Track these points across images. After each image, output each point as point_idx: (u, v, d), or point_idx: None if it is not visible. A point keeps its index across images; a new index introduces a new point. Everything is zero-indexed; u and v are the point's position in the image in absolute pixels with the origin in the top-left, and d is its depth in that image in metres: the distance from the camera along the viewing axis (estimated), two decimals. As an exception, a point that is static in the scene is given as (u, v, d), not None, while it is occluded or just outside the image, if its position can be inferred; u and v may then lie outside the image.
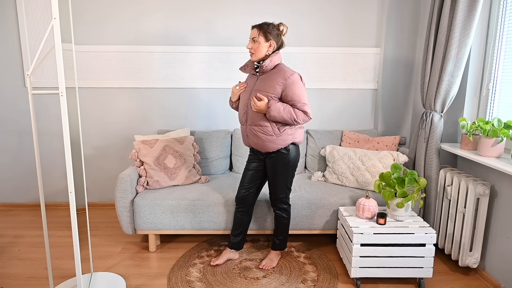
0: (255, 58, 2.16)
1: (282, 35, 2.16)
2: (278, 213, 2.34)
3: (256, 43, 2.12)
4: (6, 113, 3.29)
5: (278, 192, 2.29)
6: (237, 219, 2.41)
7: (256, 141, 2.20)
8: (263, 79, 2.16)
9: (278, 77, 2.11)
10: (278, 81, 2.10)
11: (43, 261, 2.49)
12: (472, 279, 2.31)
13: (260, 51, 2.13)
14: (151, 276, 2.32)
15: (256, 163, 2.33)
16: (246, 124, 2.23)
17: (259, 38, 2.11)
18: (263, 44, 2.12)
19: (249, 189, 2.35)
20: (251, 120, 2.18)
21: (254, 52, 2.15)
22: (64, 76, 1.65)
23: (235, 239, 2.43)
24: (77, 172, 3.21)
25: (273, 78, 2.12)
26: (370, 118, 3.38)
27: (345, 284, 2.25)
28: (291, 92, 2.09)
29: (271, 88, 2.11)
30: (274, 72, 2.15)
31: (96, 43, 3.19)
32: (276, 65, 2.17)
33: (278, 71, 2.13)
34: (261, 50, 2.13)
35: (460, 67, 2.38)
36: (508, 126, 2.14)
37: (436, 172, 2.54)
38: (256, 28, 2.13)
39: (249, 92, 2.21)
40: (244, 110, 2.23)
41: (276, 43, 2.14)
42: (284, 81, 2.09)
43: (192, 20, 3.17)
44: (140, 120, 3.34)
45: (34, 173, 3.39)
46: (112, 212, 3.38)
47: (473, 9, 2.25)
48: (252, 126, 2.19)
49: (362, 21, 3.20)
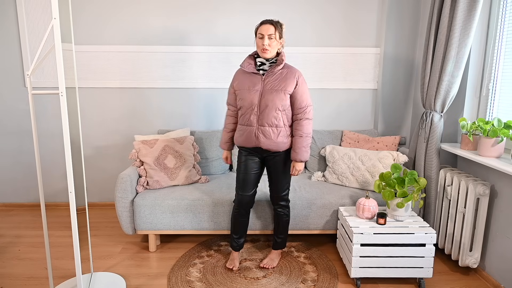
0: (270, 55, 2.13)
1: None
2: (280, 211, 2.34)
3: (272, 39, 2.10)
4: (6, 113, 3.29)
5: (282, 190, 2.29)
6: (239, 223, 2.34)
7: (268, 142, 2.16)
8: (274, 77, 2.14)
9: (291, 75, 2.13)
10: (292, 79, 2.12)
11: (43, 261, 2.49)
12: (472, 279, 2.31)
13: (275, 48, 2.13)
14: (151, 276, 2.32)
15: (255, 164, 2.28)
16: (257, 125, 2.17)
17: (276, 35, 2.09)
18: (277, 41, 2.12)
19: (253, 190, 2.31)
20: (264, 121, 2.14)
21: (269, 49, 2.11)
22: (64, 76, 1.65)
23: (240, 241, 2.39)
24: (77, 172, 3.21)
25: (287, 76, 2.13)
26: (370, 118, 3.38)
27: (345, 284, 2.25)
28: (301, 91, 2.14)
29: (288, 85, 2.12)
30: (284, 72, 2.15)
31: (96, 43, 3.19)
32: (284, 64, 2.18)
33: (288, 69, 2.16)
34: (275, 47, 2.13)
35: (460, 67, 2.38)
36: (508, 126, 2.14)
37: (436, 172, 2.54)
38: (272, 25, 2.09)
39: (257, 92, 2.14)
40: (252, 110, 2.16)
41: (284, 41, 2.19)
42: (297, 79, 2.13)
43: (192, 20, 3.17)
44: (140, 120, 3.34)
45: (34, 173, 3.39)
46: (112, 212, 3.38)
47: (473, 9, 2.25)
48: (265, 127, 2.15)
49: (362, 21, 3.20)
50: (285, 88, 2.11)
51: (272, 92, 2.11)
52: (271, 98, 2.10)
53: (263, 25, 2.09)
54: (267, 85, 2.14)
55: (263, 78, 2.15)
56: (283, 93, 2.10)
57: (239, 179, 2.29)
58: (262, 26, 2.09)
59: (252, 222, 2.58)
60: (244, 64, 2.21)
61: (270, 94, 2.11)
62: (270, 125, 2.14)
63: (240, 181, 2.28)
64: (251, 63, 2.20)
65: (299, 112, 2.16)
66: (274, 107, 2.11)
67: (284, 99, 2.12)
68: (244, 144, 2.23)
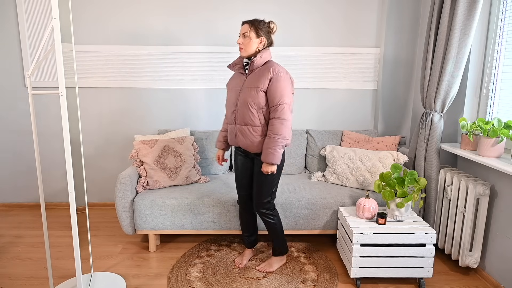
0: (245, 53, 2.12)
1: (272, 33, 2.15)
2: (263, 218, 2.26)
3: (246, 38, 2.09)
4: (6, 113, 3.29)
5: (262, 196, 2.20)
6: (248, 220, 2.39)
7: (245, 141, 2.14)
8: (252, 76, 2.12)
9: (266, 71, 2.07)
10: (266, 75, 2.06)
11: (43, 261, 2.49)
12: (472, 279, 2.31)
13: (250, 47, 2.10)
14: (151, 276, 2.32)
15: (248, 163, 2.27)
16: (235, 123, 2.18)
17: (250, 33, 2.08)
18: (254, 40, 2.09)
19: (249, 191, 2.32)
20: (241, 119, 2.13)
21: (244, 47, 2.11)
22: (64, 76, 1.65)
23: (251, 238, 2.45)
24: (77, 172, 3.21)
25: (262, 73, 2.08)
26: (370, 118, 3.38)
27: (345, 284, 2.25)
28: (274, 88, 2.03)
29: (260, 82, 2.06)
30: (262, 68, 2.10)
31: (96, 43, 3.19)
32: (266, 62, 2.14)
33: (267, 67, 2.09)
34: (251, 46, 2.10)
35: (460, 67, 2.38)
36: (508, 126, 2.14)
37: (436, 172, 2.54)
38: (247, 23, 2.10)
39: (237, 91, 2.16)
40: (232, 109, 2.18)
41: (266, 40, 2.13)
42: (271, 75, 2.06)
43: (192, 20, 3.17)
44: (140, 120, 3.34)
45: (34, 173, 3.39)
46: (112, 212, 3.38)
47: (473, 9, 2.25)
48: (242, 125, 2.14)
49: (362, 21, 3.20)
50: (257, 85, 2.06)
51: (246, 90, 2.11)
52: (245, 97, 2.10)
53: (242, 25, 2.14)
54: (244, 84, 2.14)
55: (245, 79, 2.16)
56: (254, 90, 2.07)
57: (235, 178, 2.36)
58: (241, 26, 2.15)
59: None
60: (230, 64, 2.25)
61: (244, 93, 2.11)
62: (246, 123, 2.12)
63: (236, 181, 2.35)
64: (237, 63, 2.21)
65: (271, 111, 2.07)
66: (248, 105, 2.09)
67: (256, 97, 2.06)
68: (230, 143, 2.28)
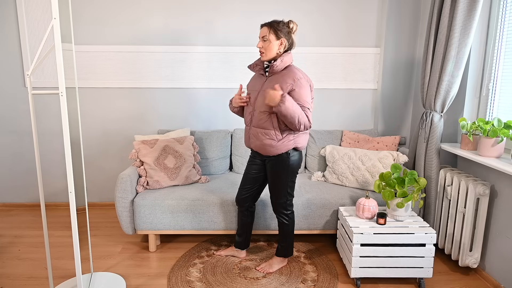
0: (266, 57, 2.08)
1: (292, 33, 2.08)
2: (279, 218, 2.29)
3: (266, 42, 2.04)
4: (6, 113, 3.29)
5: (277, 196, 2.24)
6: (239, 220, 2.45)
7: (258, 144, 2.15)
8: (272, 79, 2.09)
9: (288, 78, 2.03)
10: (288, 82, 2.02)
11: (43, 261, 2.49)
12: (472, 279, 2.31)
13: (271, 50, 2.06)
14: (151, 276, 2.32)
15: (257, 165, 2.29)
16: (251, 125, 2.17)
17: (270, 36, 2.03)
18: (274, 43, 2.04)
19: (249, 191, 2.34)
20: (256, 122, 2.12)
21: (264, 51, 2.06)
22: (64, 76, 1.65)
23: (239, 238, 2.48)
24: (77, 172, 3.20)
25: (283, 79, 2.04)
26: (370, 118, 3.38)
27: (345, 284, 2.25)
28: (298, 94, 2.01)
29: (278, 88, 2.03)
30: (284, 74, 2.05)
31: (96, 43, 3.19)
32: (286, 66, 2.09)
33: (289, 72, 2.05)
34: (272, 49, 2.05)
35: (460, 67, 2.38)
36: (508, 126, 2.14)
37: (436, 172, 2.54)
38: (266, 26, 2.05)
39: (256, 92, 2.14)
40: (249, 110, 2.17)
41: (287, 41, 2.07)
42: (294, 82, 2.01)
43: (192, 20, 3.17)
44: (140, 120, 3.34)
45: (34, 173, 3.39)
46: (112, 212, 3.38)
47: (473, 9, 2.25)
48: (256, 128, 2.14)
49: (362, 21, 3.20)
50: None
51: (263, 94, 2.09)
52: (262, 99, 2.08)
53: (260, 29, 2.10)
54: (264, 86, 2.12)
55: (265, 80, 2.14)
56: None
57: (244, 179, 2.37)
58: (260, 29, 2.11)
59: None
60: (251, 64, 2.22)
61: (262, 95, 2.09)
62: (259, 126, 2.12)
63: (242, 178, 2.38)
64: (258, 64, 2.18)
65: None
66: (261, 109, 2.08)
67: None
68: (245, 144, 2.30)
